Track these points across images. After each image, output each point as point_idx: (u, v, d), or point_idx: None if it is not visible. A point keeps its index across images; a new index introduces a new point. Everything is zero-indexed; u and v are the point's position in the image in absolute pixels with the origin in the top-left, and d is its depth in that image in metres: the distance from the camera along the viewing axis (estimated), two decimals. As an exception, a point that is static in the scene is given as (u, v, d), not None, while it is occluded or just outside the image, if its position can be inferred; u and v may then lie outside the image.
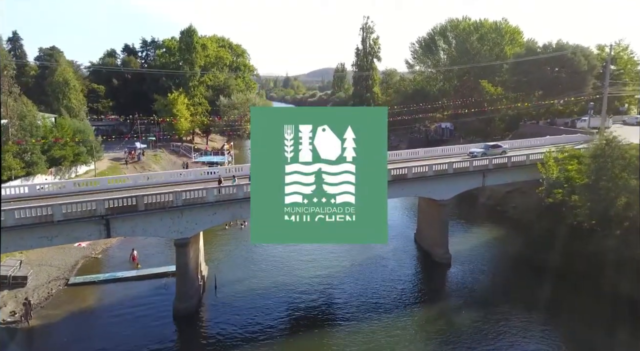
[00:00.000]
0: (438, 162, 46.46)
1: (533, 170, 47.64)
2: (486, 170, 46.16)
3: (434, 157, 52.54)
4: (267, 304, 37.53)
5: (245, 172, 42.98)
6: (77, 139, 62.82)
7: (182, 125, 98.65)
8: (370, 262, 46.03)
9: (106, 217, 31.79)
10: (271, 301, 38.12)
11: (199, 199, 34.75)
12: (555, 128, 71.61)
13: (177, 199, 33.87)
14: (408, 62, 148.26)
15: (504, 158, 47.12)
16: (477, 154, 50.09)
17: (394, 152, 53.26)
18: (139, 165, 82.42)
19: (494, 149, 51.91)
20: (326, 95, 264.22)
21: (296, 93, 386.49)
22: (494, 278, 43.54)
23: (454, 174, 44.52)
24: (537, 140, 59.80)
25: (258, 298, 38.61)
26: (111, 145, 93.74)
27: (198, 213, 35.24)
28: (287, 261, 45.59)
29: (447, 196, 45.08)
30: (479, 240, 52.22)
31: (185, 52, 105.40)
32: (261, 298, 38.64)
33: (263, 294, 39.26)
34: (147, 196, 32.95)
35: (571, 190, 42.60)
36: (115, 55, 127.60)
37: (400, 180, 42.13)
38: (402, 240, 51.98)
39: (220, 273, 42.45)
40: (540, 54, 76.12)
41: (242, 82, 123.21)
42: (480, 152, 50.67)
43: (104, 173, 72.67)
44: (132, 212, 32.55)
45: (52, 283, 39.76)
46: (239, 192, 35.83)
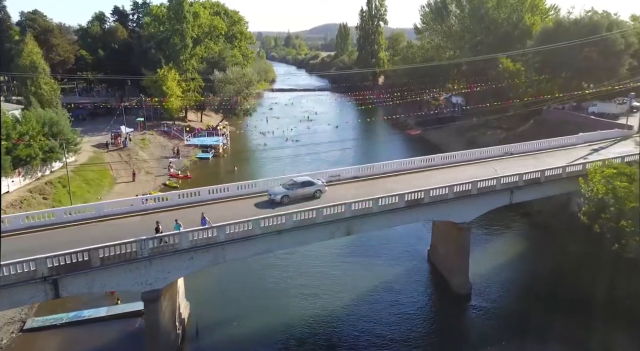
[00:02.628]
0: (461, 176, 39.76)
1: (570, 182, 40.96)
2: (515, 187, 39.28)
3: (469, 161, 46.15)
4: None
5: (204, 196, 36.73)
6: (47, 132, 55.75)
7: (173, 104, 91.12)
8: (378, 292, 39.80)
9: (51, 278, 25.42)
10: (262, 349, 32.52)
11: (170, 246, 28.26)
12: (585, 117, 64.11)
13: (143, 249, 27.39)
14: (417, 27, 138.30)
15: (537, 172, 40.01)
16: (276, 198, 35.37)
17: (424, 157, 46.04)
18: (124, 153, 75.65)
19: (303, 188, 36.23)
20: (329, 58, 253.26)
21: (298, 53, 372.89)
22: (523, 315, 37.15)
23: (477, 194, 37.75)
24: (569, 139, 52.34)
25: (249, 345, 32.95)
26: (97, 125, 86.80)
27: (170, 260, 28.83)
28: (285, 294, 39.30)
29: (468, 218, 38.46)
30: (502, 258, 45.74)
31: (175, 22, 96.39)
32: (252, 344, 32.99)
33: (254, 339, 33.48)
34: (104, 248, 26.41)
35: (618, 212, 35.95)
36: (104, 19, 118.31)
37: (414, 206, 35.46)
38: (414, 259, 45.72)
39: (205, 310, 36.54)
40: (570, 30, 67.43)
41: (239, 52, 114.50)
42: (280, 195, 35.48)
43: (86, 165, 66.16)
44: (85, 269, 26.13)
45: (4, 329, 33.84)
46: (220, 234, 29.30)
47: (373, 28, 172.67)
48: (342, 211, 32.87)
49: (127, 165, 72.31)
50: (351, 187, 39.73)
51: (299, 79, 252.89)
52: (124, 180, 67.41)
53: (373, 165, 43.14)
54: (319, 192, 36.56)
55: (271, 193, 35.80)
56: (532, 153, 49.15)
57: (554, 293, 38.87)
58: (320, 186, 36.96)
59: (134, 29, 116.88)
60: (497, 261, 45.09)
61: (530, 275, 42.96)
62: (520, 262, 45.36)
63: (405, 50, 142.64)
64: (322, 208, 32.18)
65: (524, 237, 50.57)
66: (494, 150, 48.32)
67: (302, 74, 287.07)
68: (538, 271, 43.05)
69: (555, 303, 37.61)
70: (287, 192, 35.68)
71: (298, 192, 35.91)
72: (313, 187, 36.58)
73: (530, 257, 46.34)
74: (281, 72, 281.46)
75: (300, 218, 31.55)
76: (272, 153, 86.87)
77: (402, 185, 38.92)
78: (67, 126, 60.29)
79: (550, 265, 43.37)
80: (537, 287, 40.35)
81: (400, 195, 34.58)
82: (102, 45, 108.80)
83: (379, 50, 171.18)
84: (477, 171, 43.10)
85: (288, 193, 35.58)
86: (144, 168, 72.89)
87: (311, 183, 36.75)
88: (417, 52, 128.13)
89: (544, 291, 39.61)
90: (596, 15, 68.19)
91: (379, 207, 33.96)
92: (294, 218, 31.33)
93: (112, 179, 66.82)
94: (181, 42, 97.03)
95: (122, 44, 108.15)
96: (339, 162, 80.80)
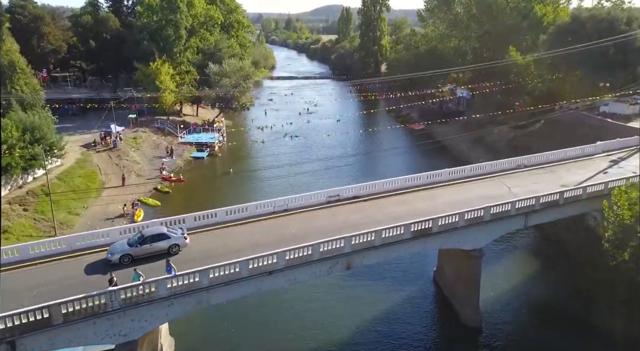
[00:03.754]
0: (470, 195, 36.33)
1: (591, 202, 37.66)
2: (531, 211, 35.82)
3: (478, 177, 42.71)
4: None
5: (190, 224, 33.04)
6: (29, 139, 52.28)
7: (167, 99, 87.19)
8: (381, 323, 36.56)
9: (5, 340, 22.22)
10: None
11: (146, 295, 24.99)
12: (600, 119, 60.30)
13: (114, 301, 24.13)
14: (421, 14, 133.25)
15: (555, 194, 36.47)
16: (113, 258, 28.20)
17: (430, 173, 42.05)
18: (114, 154, 72.06)
19: (153, 244, 29.01)
20: (330, 43, 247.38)
21: (299, 37, 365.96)
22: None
23: (490, 220, 34.33)
24: (586, 148, 48.60)
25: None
26: (88, 121, 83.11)
27: (148, 309, 25.60)
28: (280, 326, 36.14)
29: (479, 244, 35.09)
30: (513, 280, 42.38)
31: (169, 11, 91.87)
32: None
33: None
34: (67, 304, 23.15)
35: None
36: (97, 4, 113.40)
37: (422, 236, 32.11)
38: (419, 280, 42.53)
39: (193, 347, 33.55)
40: (586, 25, 63.09)
41: (236, 42, 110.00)
42: (119, 254, 28.30)
43: (72, 170, 62.68)
44: (45, 327, 22.91)
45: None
46: (203, 279, 26.01)
47: (375, 14, 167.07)
48: (341, 246, 29.54)
49: (117, 167, 68.86)
50: (351, 210, 36.29)
51: (299, 65, 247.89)
52: (113, 185, 63.95)
53: (375, 183, 39.61)
54: (176, 246, 29.53)
55: (110, 252, 28.71)
56: (546, 165, 45.58)
57: (573, 322, 35.83)
58: (177, 239, 29.72)
59: (127, 16, 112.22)
60: (508, 283, 41.82)
61: (545, 301, 39.50)
62: (533, 285, 41.93)
63: (408, 37, 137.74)
64: (318, 244, 28.82)
65: (536, 254, 47.26)
66: (505, 163, 44.67)
67: (303, 59, 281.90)
68: (554, 297, 39.86)
69: (574, 335, 34.52)
70: (130, 251, 28.52)
71: (145, 248, 28.82)
72: (167, 241, 29.44)
73: (544, 278, 43.03)
74: (282, 56, 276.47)
75: (294, 257, 28.25)
76: (269, 151, 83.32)
77: (407, 208, 35.64)
78: (51, 130, 56.70)
79: (566, 290, 40.28)
80: (554, 315, 37.11)
81: (406, 225, 31.19)
82: (93, 35, 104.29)
83: (381, 37, 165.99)
84: (488, 189, 39.65)
85: (131, 252, 28.47)
86: (134, 170, 69.43)
87: (164, 237, 29.50)
88: (421, 41, 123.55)
89: (561, 320, 36.46)
90: (614, 10, 63.80)
91: (382, 239, 30.60)
92: (287, 256, 28.02)
93: (101, 184, 63.40)
94: (175, 33, 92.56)
95: (114, 35, 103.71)
96: (339, 163, 77.43)
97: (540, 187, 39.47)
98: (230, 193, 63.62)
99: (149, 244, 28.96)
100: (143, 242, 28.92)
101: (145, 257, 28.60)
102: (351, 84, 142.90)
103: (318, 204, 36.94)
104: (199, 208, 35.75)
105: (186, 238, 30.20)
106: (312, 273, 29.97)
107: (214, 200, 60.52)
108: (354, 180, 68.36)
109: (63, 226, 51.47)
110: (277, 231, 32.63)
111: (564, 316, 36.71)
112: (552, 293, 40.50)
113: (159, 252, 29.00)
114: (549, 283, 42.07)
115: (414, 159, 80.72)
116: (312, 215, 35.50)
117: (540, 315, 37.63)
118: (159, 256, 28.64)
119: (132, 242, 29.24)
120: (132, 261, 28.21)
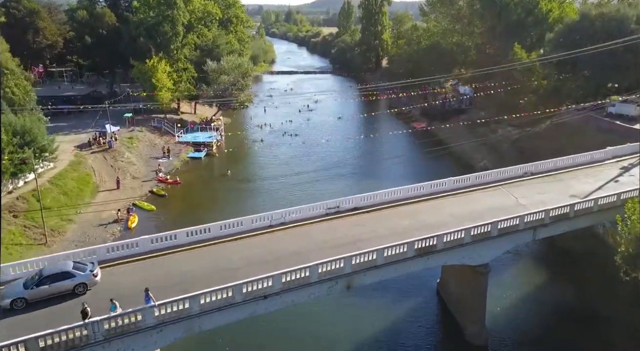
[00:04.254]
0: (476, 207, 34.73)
1: (602, 214, 36.09)
2: (540, 225, 34.19)
3: (484, 185, 41.17)
4: None
5: (181, 240, 31.30)
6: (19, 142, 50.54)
7: (163, 96, 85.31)
8: (383, 341, 35.19)
9: (-21, 378, 20.69)
10: None
11: (132, 325, 23.44)
12: (609, 122, 58.49)
13: (97, 331, 22.58)
14: (423, 9, 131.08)
15: (566, 207, 34.79)
16: (3, 303, 24.22)
17: (433, 182, 40.13)
18: (109, 155, 70.30)
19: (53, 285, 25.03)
20: (331, 36, 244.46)
21: (299, 30, 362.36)
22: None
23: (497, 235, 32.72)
24: (595, 154, 46.82)
25: None
26: (83, 120, 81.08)
27: (135, 338, 24.05)
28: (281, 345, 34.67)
29: (485, 260, 33.53)
30: (520, 292, 40.76)
31: (165, 7, 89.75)
32: None
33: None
34: (45, 337, 21.58)
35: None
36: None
37: (425, 254, 30.51)
38: (422, 291, 40.98)
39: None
40: (595, 24, 61.08)
41: (234, 37, 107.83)
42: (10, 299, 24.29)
43: (65, 173, 60.86)
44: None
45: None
46: (194, 306, 24.45)
47: (377, 8, 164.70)
48: (341, 266, 27.96)
49: (112, 169, 67.21)
50: (352, 223, 34.64)
51: (299, 58, 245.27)
52: (107, 188, 62.33)
53: (376, 194, 37.91)
54: (83, 286, 25.45)
55: (2, 295, 24.67)
56: (554, 172, 43.88)
57: (582, 341, 34.30)
58: (84, 277, 25.56)
59: (124, 12, 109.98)
60: (514, 296, 40.25)
61: (553, 317, 37.87)
62: (541, 300, 40.20)
63: (410, 32, 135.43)
64: (317, 265, 27.23)
65: (543, 264, 45.60)
66: (512, 171, 42.93)
67: (303, 52, 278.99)
68: (562, 312, 38.21)
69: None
70: (24, 294, 24.43)
71: (44, 290, 24.77)
72: (71, 280, 25.24)
73: (551, 291, 41.30)
74: (282, 50, 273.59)
75: (291, 279, 26.68)
76: (269, 151, 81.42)
77: (411, 222, 34.08)
78: (42, 132, 54.87)
79: (575, 304, 38.67)
80: (562, 332, 35.61)
81: (409, 243, 29.58)
82: (89, 30, 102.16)
83: (382, 31, 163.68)
84: (495, 199, 38.02)
85: (25, 295, 24.38)
86: (130, 172, 67.77)
87: (68, 276, 25.25)
88: (423, 36, 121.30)
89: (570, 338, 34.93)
90: (624, 8, 61.72)
91: (384, 258, 29.01)
92: (284, 279, 26.44)
93: (95, 187, 61.73)
94: (172, 30, 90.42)
95: (110, 30, 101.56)
96: (339, 162, 75.81)
97: (549, 197, 37.86)
98: (227, 197, 62.10)
99: (47, 285, 24.85)
100: (41, 282, 24.83)
101: (46, 299, 24.88)
102: (352, 80, 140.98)
103: (317, 216, 35.30)
104: (194, 213, 34.23)
105: (96, 275, 26.12)
106: (310, 295, 28.37)
107: (210, 205, 59.11)
108: (354, 181, 66.96)
109: (54, 233, 49.95)
110: (274, 247, 31.07)
111: (572, 331, 35.19)
112: (561, 307, 38.83)
113: (62, 293, 25.11)
114: (557, 297, 40.21)
115: (415, 159, 79.16)
116: (310, 229, 33.87)
117: (548, 332, 36.06)
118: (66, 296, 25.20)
119: (27, 283, 25.01)
120: (28, 305, 24.28)
